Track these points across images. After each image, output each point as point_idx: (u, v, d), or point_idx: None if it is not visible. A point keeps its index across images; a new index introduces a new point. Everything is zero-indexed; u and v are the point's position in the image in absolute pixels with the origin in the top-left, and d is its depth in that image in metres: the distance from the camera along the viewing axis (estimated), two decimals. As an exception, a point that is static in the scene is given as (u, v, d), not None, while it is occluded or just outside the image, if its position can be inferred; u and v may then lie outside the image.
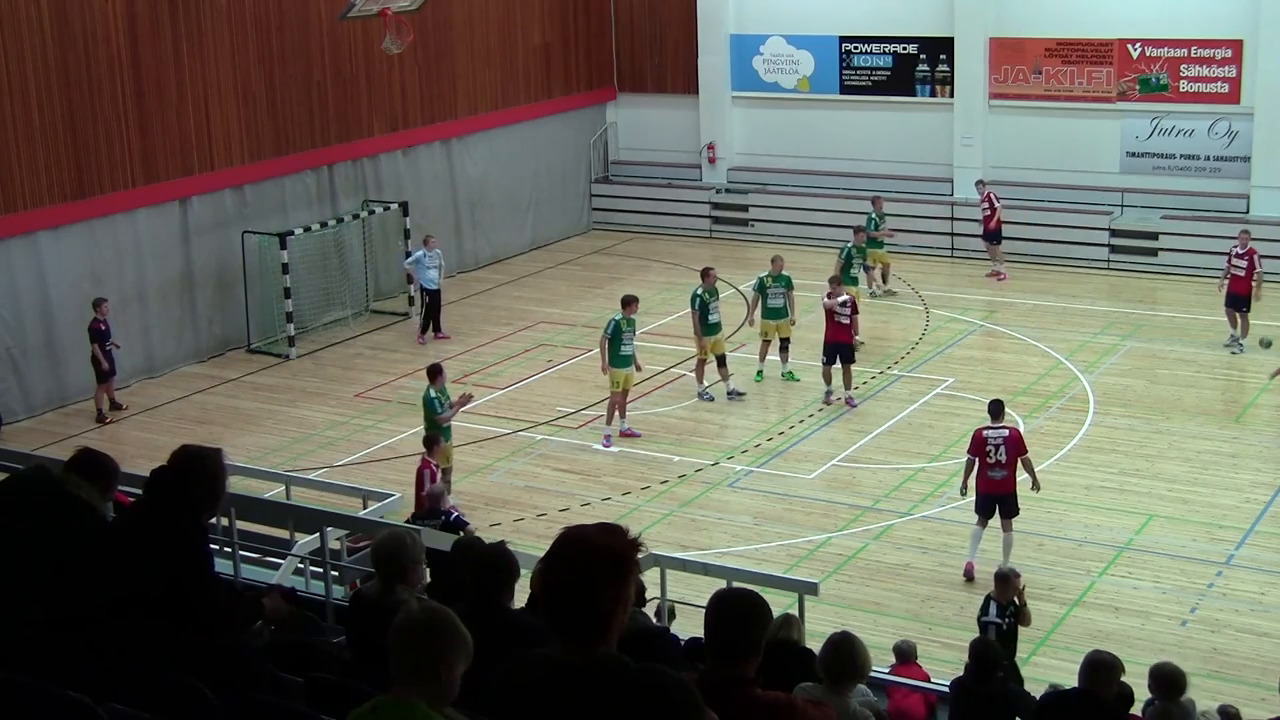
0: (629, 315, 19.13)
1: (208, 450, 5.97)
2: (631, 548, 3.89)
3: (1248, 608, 14.47)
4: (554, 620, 3.91)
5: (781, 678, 6.41)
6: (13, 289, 20.80)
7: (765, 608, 4.78)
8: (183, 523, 5.74)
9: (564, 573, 3.87)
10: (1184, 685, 8.90)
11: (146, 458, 15.90)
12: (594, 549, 3.87)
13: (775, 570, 14.57)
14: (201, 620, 5.69)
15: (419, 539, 6.76)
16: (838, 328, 20.03)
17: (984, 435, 15.10)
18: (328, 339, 24.27)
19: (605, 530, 3.93)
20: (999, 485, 15.05)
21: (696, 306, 20.30)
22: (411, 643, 4.20)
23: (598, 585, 3.84)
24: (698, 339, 20.51)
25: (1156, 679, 8.88)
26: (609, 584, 3.85)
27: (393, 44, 23.78)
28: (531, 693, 3.96)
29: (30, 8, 20.52)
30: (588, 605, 3.85)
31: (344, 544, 12.15)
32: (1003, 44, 27.93)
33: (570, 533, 3.94)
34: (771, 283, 20.99)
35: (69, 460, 6.67)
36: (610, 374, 19.01)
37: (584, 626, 3.88)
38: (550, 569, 3.90)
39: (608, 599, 3.86)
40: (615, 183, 31.84)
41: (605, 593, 3.85)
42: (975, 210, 27.98)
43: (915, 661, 11.38)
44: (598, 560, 3.85)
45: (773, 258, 21.49)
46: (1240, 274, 21.75)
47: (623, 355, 18.99)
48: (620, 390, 19.09)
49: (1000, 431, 15.10)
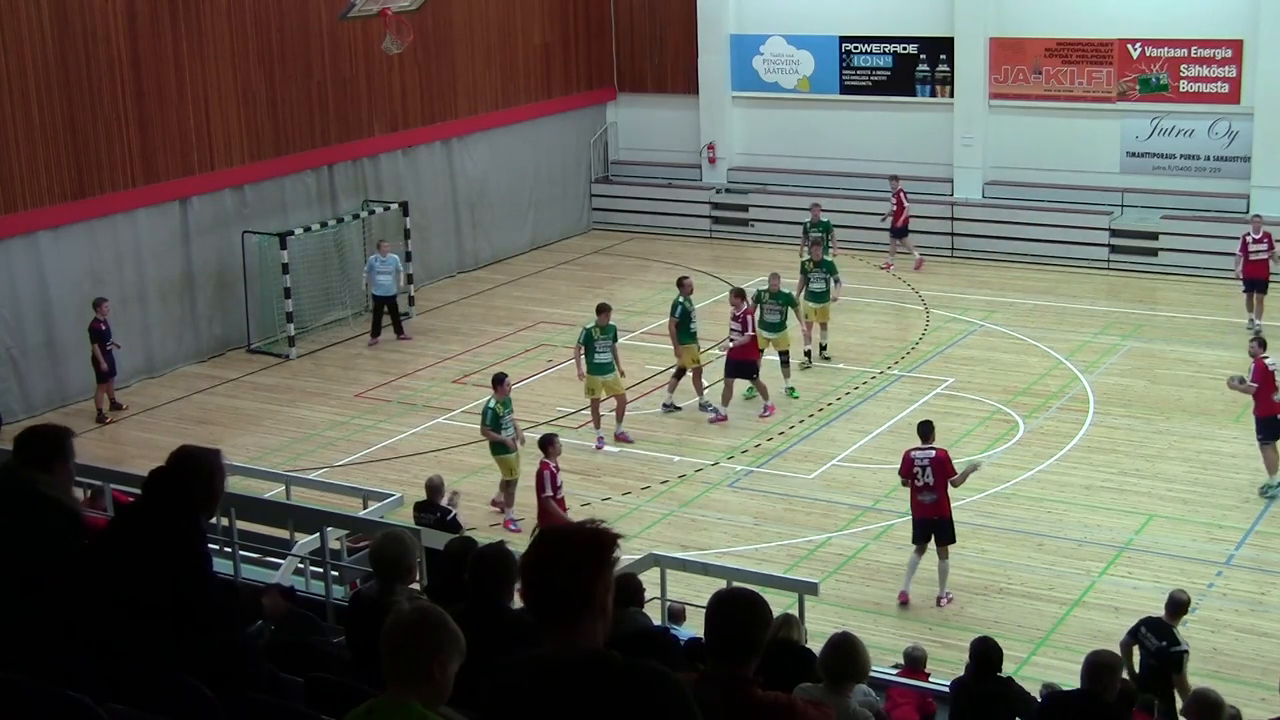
0: (602, 324, 18.93)
1: (206, 450, 5.97)
2: (607, 533, 4.02)
3: (1248, 608, 14.47)
4: (538, 607, 4.00)
5: (781, 678, 6.41)
6: (13, 289, 20.80)
7: (765, 608, 4.78)
8: (181, 523, 5.74)
9: (543, 557, 3.99)
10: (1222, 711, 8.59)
11: (146, 458, 15.90)
12: (570, 534, 4.03)
13: (775, 570, 14.57)
14: (200, 620, 5.68)
15: (418, 539, 6.76)
16: (735, 345, 19.73)
17: (912, 457, 14.63)
18: (328, 339, 24.27)
19: (581, 523, 4.11)
20: (931, 509, 14.61)
21: (678, 315, 19.86)
22: (402, 643, 4.22)
23: (577, 564, 3.95)
24: (676, 346, 19.95)
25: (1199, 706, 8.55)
26: (588, 563, 3.95)
27: (393, 44, 23.77)
28: (522, 691, 4.01)
29: (30, 8, 20.52)
30: (568, 585, 3.93)
31: (344, 544, 12.15)
32: (1003, 44, 27.93)
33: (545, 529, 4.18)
34: (769, 299, 20.54)
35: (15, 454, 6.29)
36: (586, 381, 18.91)
37: (566, 608, 3.95)
38: (530, 556, 4.02)
39: (587, 577, 3.94)
40: (615, 183, 31.83)
41: (584, 570, 3.95)
42: (975, 210, 28.06)
43: (924, 671, 11.21)
44: (574, 543, 3.99)
45: (770, 275, 21.08)
46: (1260, 258, 22.36)
47: (597, 363, 18.84)
48: (599, 397, 18.94)
49: (927, 453, 14.63)
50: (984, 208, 28.14)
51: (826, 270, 21.75)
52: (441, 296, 26.83)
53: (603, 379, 18.96)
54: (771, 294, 20.60)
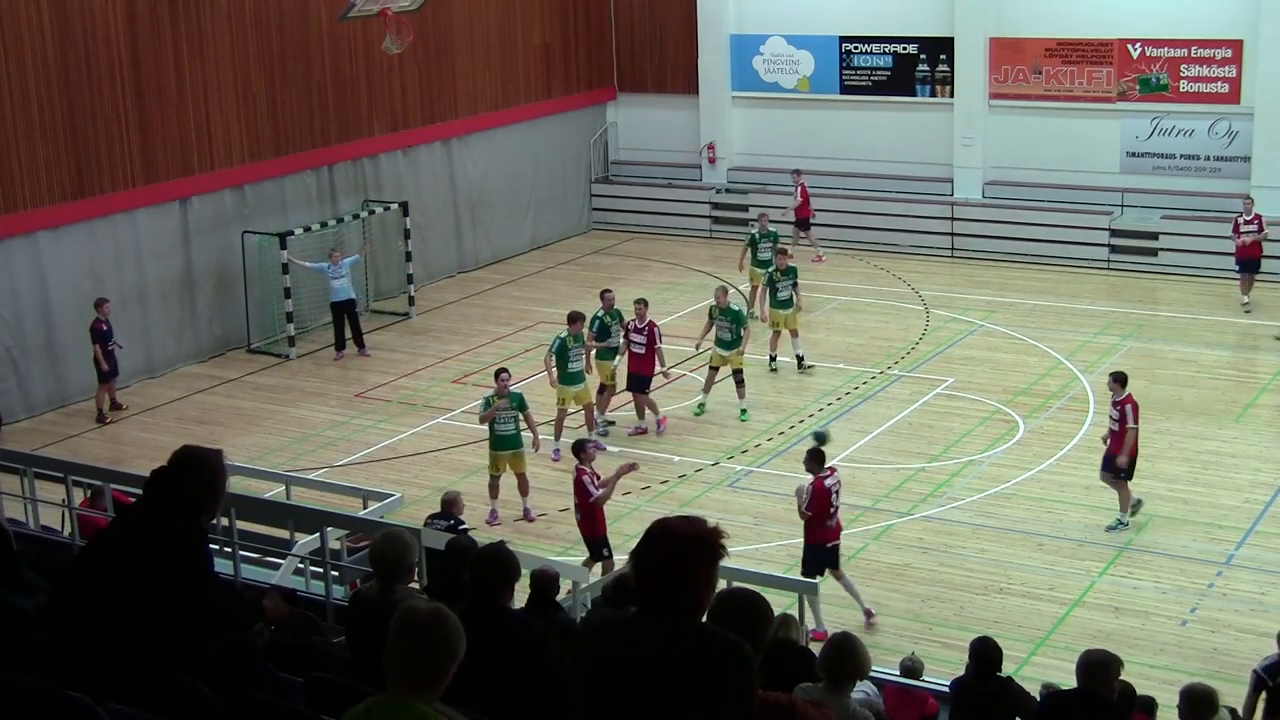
0: (574, 332, 18.69)
1: (208, 451, 5.97)
2: (715, 534, 4.20)
3: (1248, 608, 14.47)
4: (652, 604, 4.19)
5: (781, 678, 6.41)
6: (13, 289, 20.81)
7: (766, 607, 4.79)
8: (182, 523, 5.73)
9: (659, 558, 4.17)
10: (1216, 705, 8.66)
11: (146, 458, 15.91)
12: (685, 536, 4.19)
13: (775, 570, 14.57)
14: (201, 621, 5.68)
15: (418, 539, 6.76)
16: (633, 357, 19.38)
17: (826, 486, 14.20)
18: (328, 339, 24.25)
19: (690, 520, 4.28)
20: (836, 532, 14.44)
21: (595, 329, 19.28)
22: (418, 643, 4.21)
23: (691, 568, 4.15)
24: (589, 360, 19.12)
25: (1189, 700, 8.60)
26: (700, 566, 4.16)
27: (393, 44, 23.77)
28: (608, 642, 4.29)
29: (30, 8, 20.53)
30: (683, 587, 4.14)
31: (344, 544, 12.15)
32: (1003, 44, 27.93)
33: (660, 524, 4.26)
34: (719, 316, 19.84)
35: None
36: (558, 390, 18.69)
37: (679, 607, 4.15)
38: (645, 557, 4.20)
39: (702, 580, 4.16)
40: (615, 183, 31.83)
41: (699, 575, 4.15)
42: (975, 210, 28.08)
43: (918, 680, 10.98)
44: (690, 545, 4.17)
45: (717, 289, 20.45)
46: (1251, 238, 23.36)
47: (570, 373, 18.66)
48: (567, 409, 18.76)
49: (835, 479, 14.38)
50: (984, 208, 28.14)
51: (792, 277, 21.28)
52: (441, 296, 26.83)
53: (574, 389, 18.75)
54: (720, 310, 19.81)
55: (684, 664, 4.07)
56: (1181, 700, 8.68)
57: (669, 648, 4.09)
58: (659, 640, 4.11)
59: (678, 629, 4.13)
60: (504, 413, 16.85)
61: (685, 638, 4.12)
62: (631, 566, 4.29)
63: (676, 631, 4.12)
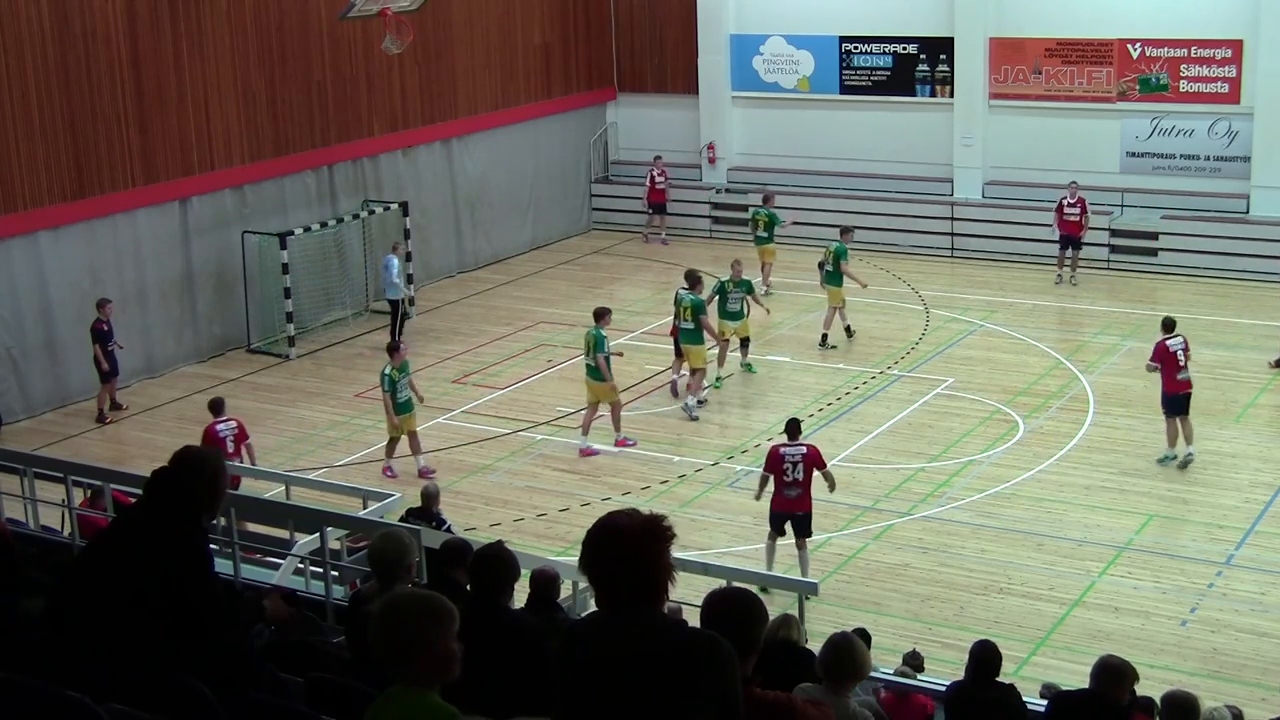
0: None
1: (208, 451, 5.98)
2: (658, 519, 4.21)
3: (1248, 608, 14.47)
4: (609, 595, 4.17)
5: (781, 678, 6.41)
6: (13, 289, 20.80)
7: (760, 606, 4.80)
8: (183, 524, 5.74)
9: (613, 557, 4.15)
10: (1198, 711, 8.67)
11: (147, 458, 15.92)
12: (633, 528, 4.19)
13: (775, 570, 14.58)
14: (202, 621, 5.69)
15: (417, 539, 6.76)
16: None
17: (781, 453, 14.83)
18: (328, 339, 24.27)
19: (629, 513, 4.26)
20: (794, 504, 14.84)
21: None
22: (379, 637, 4.26)
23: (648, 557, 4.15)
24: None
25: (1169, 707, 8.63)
26: (657, 554, 4.15)
27: (393, 44, 23.77)
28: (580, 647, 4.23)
29: (30, 8, 20.53)
30: (644, 578, 4.13)
31: (344, 544, 12.14)
32: (1003, 44, 27.93)
33: (601, 525, 4.24)
34: (733, 288, 21.11)
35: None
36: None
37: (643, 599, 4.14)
38: (598, 559, 4.17)
39: (660, 567, 4.16)
40: (615, 183, 31.83)
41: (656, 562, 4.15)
42: (975, 210, 28.08)
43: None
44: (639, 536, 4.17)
45: (733, 262, 21.78)
46: (1073, 219, 25.41)
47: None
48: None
49: (798, 449, 14.88)
50: (984, 208, 28.14)
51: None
52: (441, 296, 26.83)
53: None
54: (735, 282, 21.12)
55: (658, 662, 4.05)
56: (1163, 706, 8.63)
57: (641, 646, 4.07)
58: (631, 639, 4.09)
59: (649, 627, 4.10)
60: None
61: (657, 636, 4.10)
62: (585, 573, 4.23)
63: (648, 629, 4.10)
